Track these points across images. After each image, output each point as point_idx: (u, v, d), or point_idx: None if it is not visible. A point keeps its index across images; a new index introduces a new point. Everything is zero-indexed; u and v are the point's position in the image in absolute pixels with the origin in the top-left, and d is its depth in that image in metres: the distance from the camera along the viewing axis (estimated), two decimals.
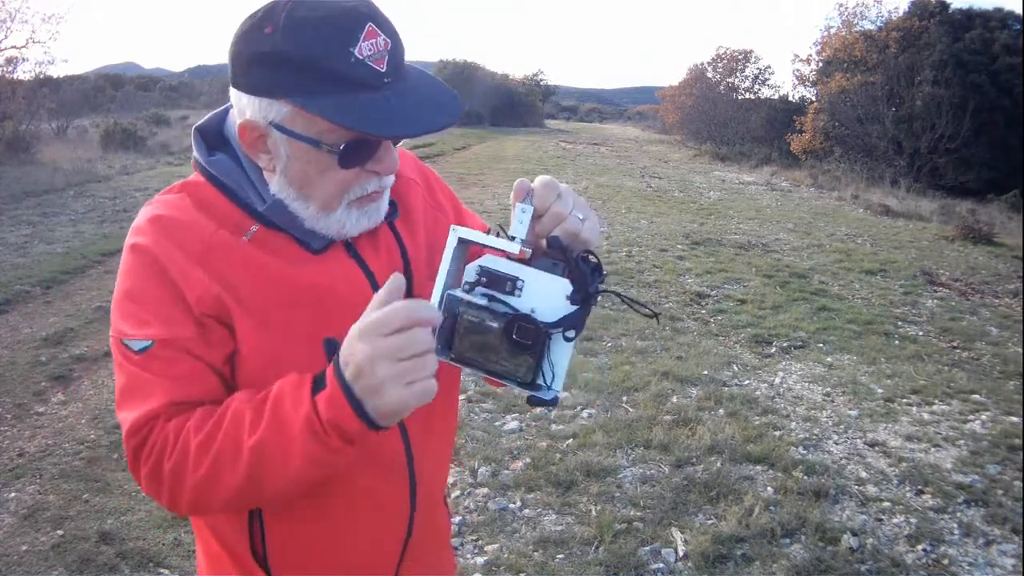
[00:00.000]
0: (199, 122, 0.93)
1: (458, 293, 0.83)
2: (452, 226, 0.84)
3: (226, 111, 0.92)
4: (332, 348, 0.80)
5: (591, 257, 0.83)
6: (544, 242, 0.83)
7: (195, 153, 0.91)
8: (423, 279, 0.96)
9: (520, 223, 0.82)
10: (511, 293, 0.82)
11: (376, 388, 0.72)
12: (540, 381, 0.82)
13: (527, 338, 0.80)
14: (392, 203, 0.95)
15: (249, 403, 0.80)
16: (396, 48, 0.81)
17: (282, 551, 0.93)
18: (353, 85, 0.78)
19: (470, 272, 0.84)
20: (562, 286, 0.81)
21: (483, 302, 0.82)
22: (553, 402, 0.82)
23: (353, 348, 0.73)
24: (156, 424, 0.82)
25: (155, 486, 0.82)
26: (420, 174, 1.06)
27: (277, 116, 0.81)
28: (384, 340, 0.72)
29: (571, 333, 0.81)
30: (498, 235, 0.84)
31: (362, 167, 0.85)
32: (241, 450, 0.77)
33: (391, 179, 0.92)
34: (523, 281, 0.82)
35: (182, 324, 0.83)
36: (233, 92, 0.85)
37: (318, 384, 0.77)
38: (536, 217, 0.82)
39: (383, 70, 0.80)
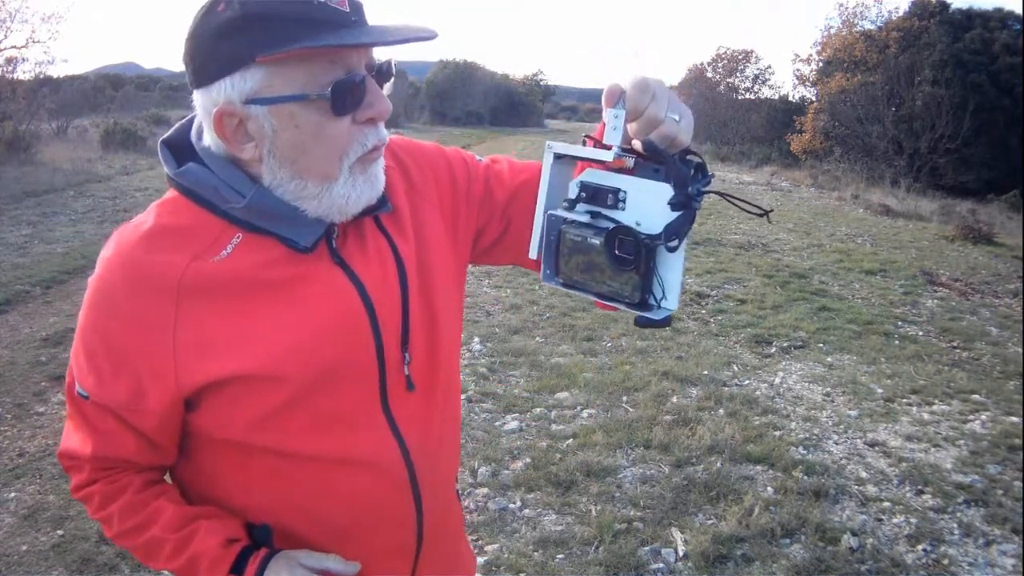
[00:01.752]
0: (164, 135, 0.89)
1: (559, 212, 0.78)
2: (547, 142, 0.82)
3: (190, 122, 0.88)
4: (264, 536, 0.88)
5: (694, 158, 0.77)
6: (640, 147, 0.77)
7: (164, 167, 0.87)
8: (414, 275, 0.92)
9: (614, 130, 0.76)
10: (615, 206, 0.76)
11: None
12: (651, 300, 0.75)
13: (628, 252, 0.74)
14: (382, 195, 0.89)
15: (173, 534, 0.87)
16: None
17: None
18: (320, 24, 0.75)
19: (572, 188, 0.79)
20: (664, 192, 0.74)
21: (585, 219, 0.77)
22: (664, 322, 0.76)
23: None
24: (83, 467, 0.90)
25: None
26: (394, 158, 0.98)
27: (252, 87, 0.77)
28: None
29: (674, 243, 0.73)
30: (594, 146, 0.78)
31: (355, 114, 0.80)
32: (154, 561, 0.89)
33: (387, 135, 0.87)
34: (625, 192, 0.76)
35: (115, 387, 0.83)
36: (198, 95, 0.81)
37: (238, 563, 0.85)
38: (630, 121, 0.76)
39: (347, 11, 0.77)
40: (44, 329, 4.70)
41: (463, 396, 3.96)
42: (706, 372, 4.51)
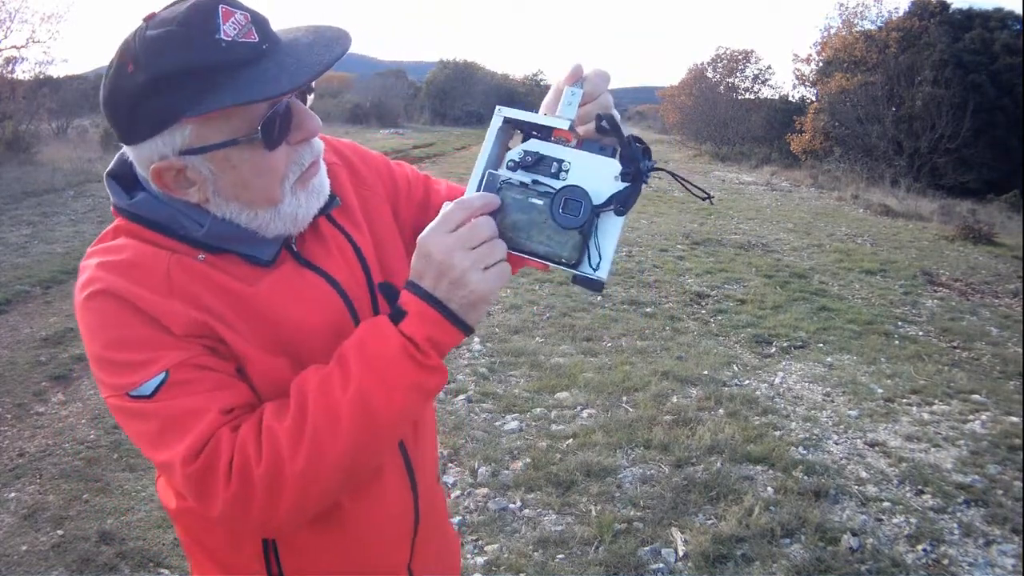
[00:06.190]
0: (109, 168, 0.88)
1: (500, 172, 0.83)
2: (497, 106, 0.85)
3: None
4: (391, 289, 0.89)
5: (638, 143, 0.83)
6: (592, 125, 0.82)
7: (113, 199, 0.86)
8: (375, 265, 0.97)
9: (569, 105, 0.82)
10: (556, 176, 0.81)
11: (459, 280, 0.76)
12: (587, 262, 0.80)
13: (575, 212, 0.78)
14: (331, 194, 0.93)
15: (326, 367, 0.79)
16: (258, 17, 0.79)
17: (298, 562, 0.92)
18: (236, 66, 0.75)
19: (515, 153, 0.83)
20: (611, 166, 0.80)
21: (528, 180, 0.82)
22: (598, 285, 0.80)
23: (427, 255, 0.77)
24: (220, 439, 0.76)
25: (244, 503, 0.75)
26: (339, 155, 1.03)
27: (183, 141, 0.78)
28: (452, 235, 0.77)
29: (621, 209, 0.79)
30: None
31: (288, 142, 0.82)
32: (339, 409, 0.76)
33: (321, 146, 0.90)
34: (570, 163, 0.81)
35: (184, 347, 0.79)
36: (130, 151, 0.82)
37: (394, 318, 0.79)
38: (583, 103, 0.83)
39: (256, 40, 0.77)
40: (44, 329, 4.70)
41: (463, 396, 3.97)
42: (706, 372, 4.51)
